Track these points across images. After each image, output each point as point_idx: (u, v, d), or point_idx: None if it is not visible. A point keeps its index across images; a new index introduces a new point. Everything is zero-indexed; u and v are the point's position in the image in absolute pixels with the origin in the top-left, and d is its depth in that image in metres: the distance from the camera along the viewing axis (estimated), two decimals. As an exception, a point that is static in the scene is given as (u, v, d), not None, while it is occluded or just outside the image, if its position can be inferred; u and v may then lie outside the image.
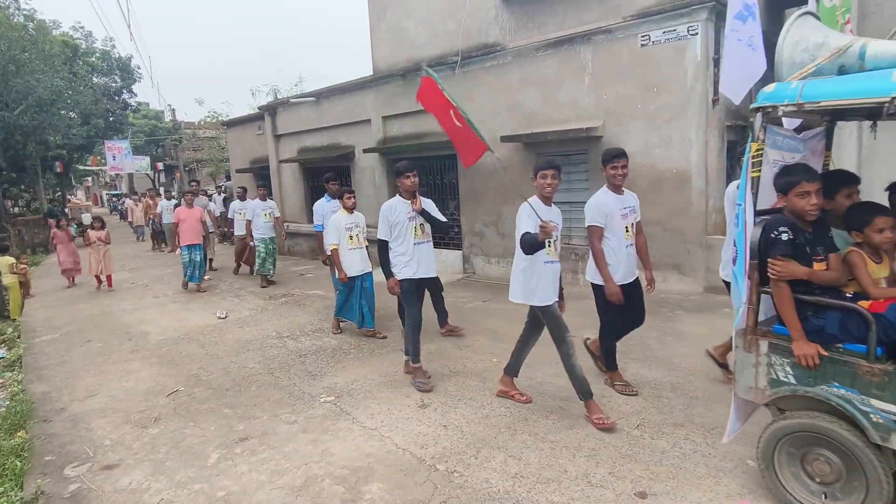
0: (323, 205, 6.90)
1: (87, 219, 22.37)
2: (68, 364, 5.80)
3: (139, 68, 28.63)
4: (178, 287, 9.78)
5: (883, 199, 3.00)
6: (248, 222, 9.35)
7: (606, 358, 4.33)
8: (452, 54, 8.78)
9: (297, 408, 4.21)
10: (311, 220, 8.59)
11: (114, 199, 42.81)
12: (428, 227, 4.72)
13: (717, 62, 6.60)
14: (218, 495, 3.09)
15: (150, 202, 16.34)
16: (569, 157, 7.90)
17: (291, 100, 12.66)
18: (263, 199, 9.47)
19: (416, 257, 4.57)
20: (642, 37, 6.83)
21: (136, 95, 30.19)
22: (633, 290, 4.24)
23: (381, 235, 4.61)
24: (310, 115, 11.94)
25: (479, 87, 8.61)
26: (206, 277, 9.67)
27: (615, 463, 3.16)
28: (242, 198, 10.29)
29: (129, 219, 20.68)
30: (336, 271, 5.97)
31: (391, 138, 10.17)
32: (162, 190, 22.84)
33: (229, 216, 10.93)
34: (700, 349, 4.92)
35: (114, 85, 27.94)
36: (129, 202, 25.22)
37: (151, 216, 15.99)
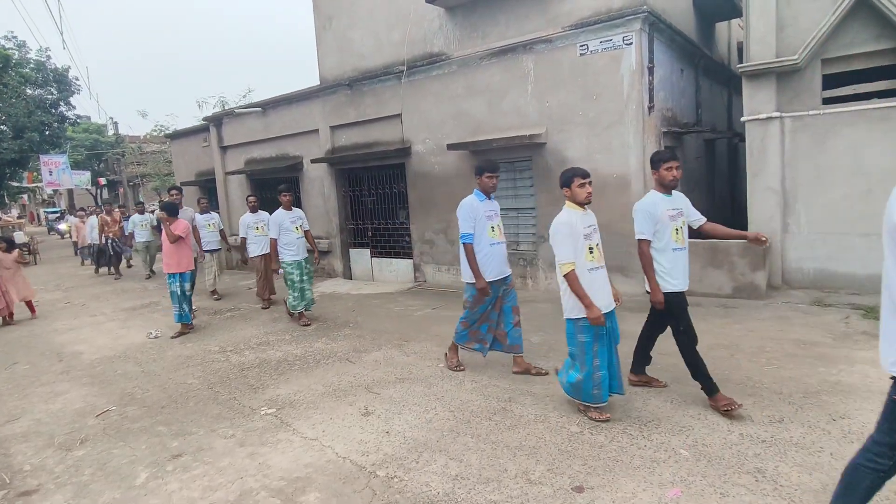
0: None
1: (19, 237, 21.15)
2: (-11, 388, 5.42)
3: (77, 80, 27.39)
4: (118, 305, 9.34)
5: None
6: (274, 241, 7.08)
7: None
8: (398, 64, 8.82)
9: (235, 422, 4.07)
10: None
11: (51, 216, 40.58)
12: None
13: (651, 70, 6.88)
14: (144, 515, 2.94)
15: (108, 218, 13.09)
16: (514, 164, 8.04)
17: (237, 110, 12.39)
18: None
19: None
20: (581, 46, 7.06)
21: (74, 108, 28.85)
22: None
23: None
24: (256, 125, 11.71)
25: (426, 96, 8.67)
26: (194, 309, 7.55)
27: (554, 459, 3.19)
28: (255, 209, 8.48)
29: (74, 238, 17.38)
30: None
31: (339, 148, 10.10)
32: (128, 203, 20.77)
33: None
34: (640, 346, 5.07)
35: (49, 97, 26.63)
36: (72, 219, 23.67)
37: (109, 234, 12.91)
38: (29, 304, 8.94)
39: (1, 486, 3.41)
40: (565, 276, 3.66)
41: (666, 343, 4.06)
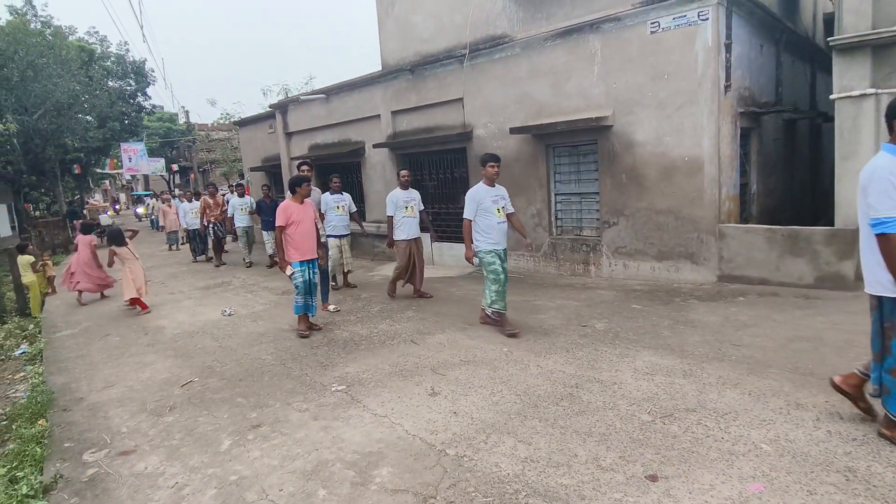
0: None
1: (104, 220, 22.78)
2: (87, 357, 5.91)
3: (153, 71, 28.97)
4: (193, 284, 9.90)
5: None
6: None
7: None
8: (460, 47, 8.76)
9: (308, 396, 4.25)
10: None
11: (136, 199, 43.34)
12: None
13: (728, 47, 6.51)
14: (230, 479, 3.13)
15: (211, 201, 11.98)
16: (577, 148, 7.87)
17: (302, 97, 12.74)
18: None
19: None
20: (652, 23, 6.77)
21: (150, 98, 30.56)
22: None
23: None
24: (320, 112, 12.01)
25: (488, 79, 8.58)
26: (330, 309, 6.92)
27: (626, 447, 3.14)
28: (405, 186, 7.33)
29: (161, 223, 17.03)
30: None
31: (400, 133, 10.20)
32: (226, 184, 18.93)
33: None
34: (713, 336, 4.89)
35: (129, 88, 28.31)
36: (153, 202, 24.02)
37: (210, 219, 11.91)
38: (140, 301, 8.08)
39: (103, 445, 3.73)
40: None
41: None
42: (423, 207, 7.46)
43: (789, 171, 9.48)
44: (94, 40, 26.76)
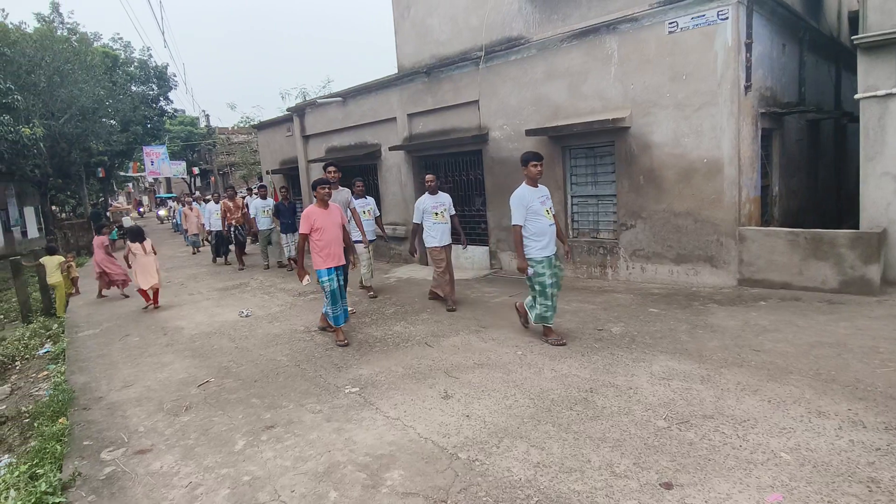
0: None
1: (127, 222, 23.23)
2: (107, 357, 6.02)
3: (174, 76, 29.57)
4: (211, 285, 10.03)
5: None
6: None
7: None
8: (476, 49, 8.75)
9: (322, 398, 4.26)
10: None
11: (160, 202, 44.09)
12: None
13: (749, 47, 6.40)
14: (243, 479, 3.16)
15: (231, 203, 11.95)
16: (594, 150, 7.79)
17: (319, 101, 12.84)
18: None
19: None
20: (670, 23, 6.68)
21: (172, 102, 31.17)
22: None
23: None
24: (337, 115, 12.10)
25: (504, 81, 8.56)
26: (351, 311, 6.61)
27: (640, 454, 3.09)
28: (434, 191, 7.03)
29: (185, 226, 16.86)
30: None
31: (416, 135, 10.22)
32: (244, 187, 18.10)
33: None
34: (732, 341, 4.80)
35: (151, 93, 28.90)
36: (172, 204, 24.49)
37: (231, 221, 11.87)
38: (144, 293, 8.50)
39: (120, 444, 3.79)
40: None
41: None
42: (454, 212, 7.05)
43: (813, 173, 9.27)
44: (118, 46, 27.38)
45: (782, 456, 2.95)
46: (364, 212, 7.76)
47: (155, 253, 8.76)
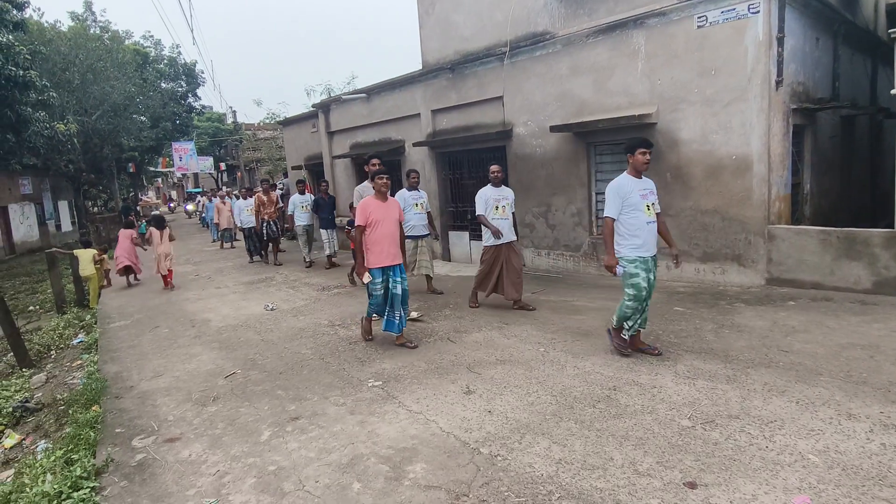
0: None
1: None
2: (138, 347, 6.20)
3: (202, 73, 30.10)
4: (238, 279, 10.23)
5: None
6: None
7: None
8: (501, 45, 8.72)
9: (345, 391, 4.32)
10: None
11: (188, 197, 44.77)
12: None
13: (780, 41, 6.24)
14: (269, 469, 3.23)
15: (265, 198, 11.61)
16: (620, 146, 7.68)
17: (343, 97, 12.95)
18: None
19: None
20: (699, 18, 6.55)
21: (200, 99, 31.78)
22: None
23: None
24: (361, 111, 12.18)
25: (528, 77, 8.51)
26: (415, 315, 6.37)
27: (664, 452, 3.06)
28: (498, 183, 6.59)
29: (216, 220, 16.53)
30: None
31: (440, 131, 10.23)
32: (282, 182, 17.76)
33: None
34: (760, 341, 4.71)
35: (180, 89, 29.50)
36: (203, 200, 24.60)
37: (265, 216, 11.54)
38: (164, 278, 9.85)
39: (151, 432, 3.91)
40: None
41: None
42: (514, 209, 6.55)
43: (847, 171, 9.00)
44: (148, 44, 28.00)
45: (810, 458, 2.90)
46: (416, 204, 7.37)
47: (171, 240, 10.11)
